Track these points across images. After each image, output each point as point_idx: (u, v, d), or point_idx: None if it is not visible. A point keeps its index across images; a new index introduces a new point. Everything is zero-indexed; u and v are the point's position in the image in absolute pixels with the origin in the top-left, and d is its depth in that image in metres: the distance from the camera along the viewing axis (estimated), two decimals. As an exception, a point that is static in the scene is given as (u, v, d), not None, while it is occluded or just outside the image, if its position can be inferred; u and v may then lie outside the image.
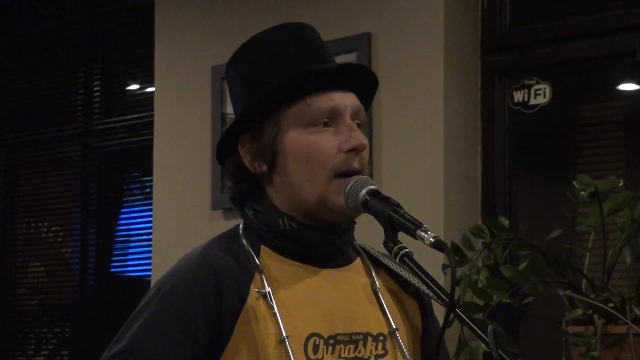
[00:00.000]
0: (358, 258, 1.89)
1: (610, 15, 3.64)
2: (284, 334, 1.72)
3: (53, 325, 5.26)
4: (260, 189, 1.83)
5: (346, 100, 1.80)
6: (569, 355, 3.01)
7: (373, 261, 1.91)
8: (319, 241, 1.80)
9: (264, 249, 1.80)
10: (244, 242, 1.80)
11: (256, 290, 1.74)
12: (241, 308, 1.72)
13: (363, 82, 1.85)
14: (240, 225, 1.85)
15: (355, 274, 1.86)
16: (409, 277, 1.89)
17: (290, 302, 1.76)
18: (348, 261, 1.87)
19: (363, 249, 1.92)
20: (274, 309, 1.73)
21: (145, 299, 1.76)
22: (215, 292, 1.72)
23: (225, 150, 1.86)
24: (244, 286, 1.74)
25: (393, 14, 3.78)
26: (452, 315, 1.61)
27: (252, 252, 1.78)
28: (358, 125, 1.81)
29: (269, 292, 1.74)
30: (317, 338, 1.75)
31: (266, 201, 1.81)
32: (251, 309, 1.73)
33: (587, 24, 3.64)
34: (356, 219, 1.85)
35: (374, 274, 1.88)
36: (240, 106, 1.84)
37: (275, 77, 1.78)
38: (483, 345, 1.67)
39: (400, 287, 1.91)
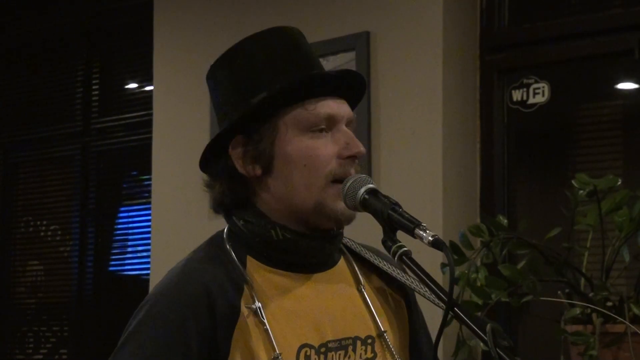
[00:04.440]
0: (342, 258, 1.88)
1: (608, 14, 3.64)
2: (277, 351, 1.71)
3: (52, 324, 5.26)
4: (249, 193, 1.80)
5: (342, 109, 1.80)
6: (568, 354, 3.01)
7: (356, 258, 1.90)
8: (314, 250, 1.79)
9: (249, 260, 1.78)
10: (232, 253, 1.78)
11: (247, 306, 1.73)
12: (234, 325, 1.71)
13: (353, 89, 1.85)
14: (224, 234, 1.82)
15: (340, 276, 1.85)
16: (392, 270, 1.88)
17: (280, 316, 1.75)
18: (332, 263, 1.86)
19: (345, 245, 1.90)
20: (265, 325, 1.72)
21: (135, 320, 1.71)
22: (208, 312, 1.70)
23: (211, 154, 1.82)
24: (235, 302, 1.72)
25: (392, 12, 3.78)
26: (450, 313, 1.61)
27: (240, 265, 1.76)
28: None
29: (259, 308, 1.73)
30: (308, 349, 1.75)
31: (256, 210, 1.79)
32: (244, 326, 1.71)
33: (586, 23, 3.64)
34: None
35: (359, 274, 1.87)
36: (230, 107, 1.80)
37: (274, 80, 1.77)
38: (482, 344, 1.66)
39: (385, 283, 1.91)
